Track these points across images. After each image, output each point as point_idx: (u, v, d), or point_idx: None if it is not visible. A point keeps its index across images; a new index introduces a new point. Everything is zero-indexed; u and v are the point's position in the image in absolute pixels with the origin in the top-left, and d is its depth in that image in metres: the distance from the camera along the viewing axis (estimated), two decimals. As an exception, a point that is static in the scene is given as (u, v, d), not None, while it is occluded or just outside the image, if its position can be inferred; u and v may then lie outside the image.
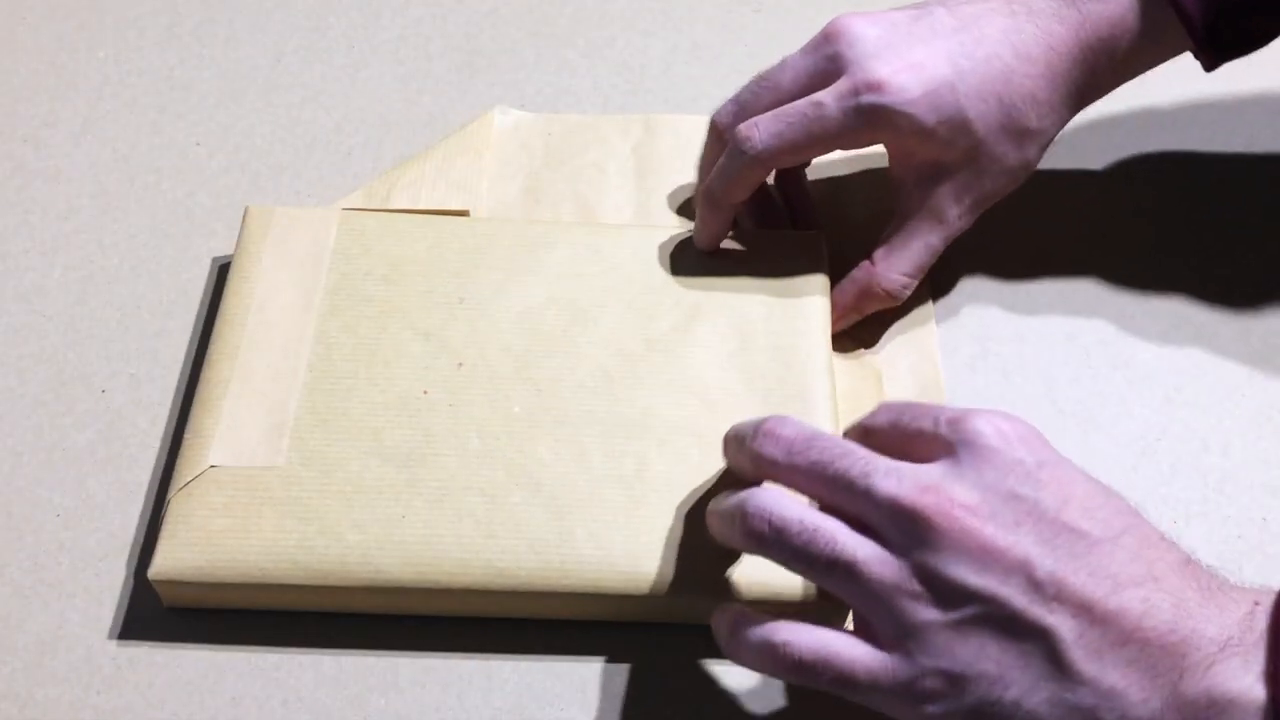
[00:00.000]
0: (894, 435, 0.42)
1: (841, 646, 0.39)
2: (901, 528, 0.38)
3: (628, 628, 0.47)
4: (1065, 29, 0.49)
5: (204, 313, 0.56)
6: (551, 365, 0.50)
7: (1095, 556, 0.37)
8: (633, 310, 0.52)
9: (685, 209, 0.58)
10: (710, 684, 0.47)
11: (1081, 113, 0.52)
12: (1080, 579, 0.37)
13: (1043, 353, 0.55)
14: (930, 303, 0.56)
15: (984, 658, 0.37)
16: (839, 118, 0.49)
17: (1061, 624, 0.37)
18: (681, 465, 0.48)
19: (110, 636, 0.47)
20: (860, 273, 0.53)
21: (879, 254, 0.53)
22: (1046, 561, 0.37)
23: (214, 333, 0.51)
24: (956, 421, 0.40)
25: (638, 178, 0.59)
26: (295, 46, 0.66)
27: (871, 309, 0.53)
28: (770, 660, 0.40)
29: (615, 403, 0.49)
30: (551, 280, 0.53)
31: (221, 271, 0.57)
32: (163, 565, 0.46)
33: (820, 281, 0.53)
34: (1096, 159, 0.62)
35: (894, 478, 0.39)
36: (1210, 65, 0.51)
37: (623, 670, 0.47)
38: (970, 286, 0.57)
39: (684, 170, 0.59)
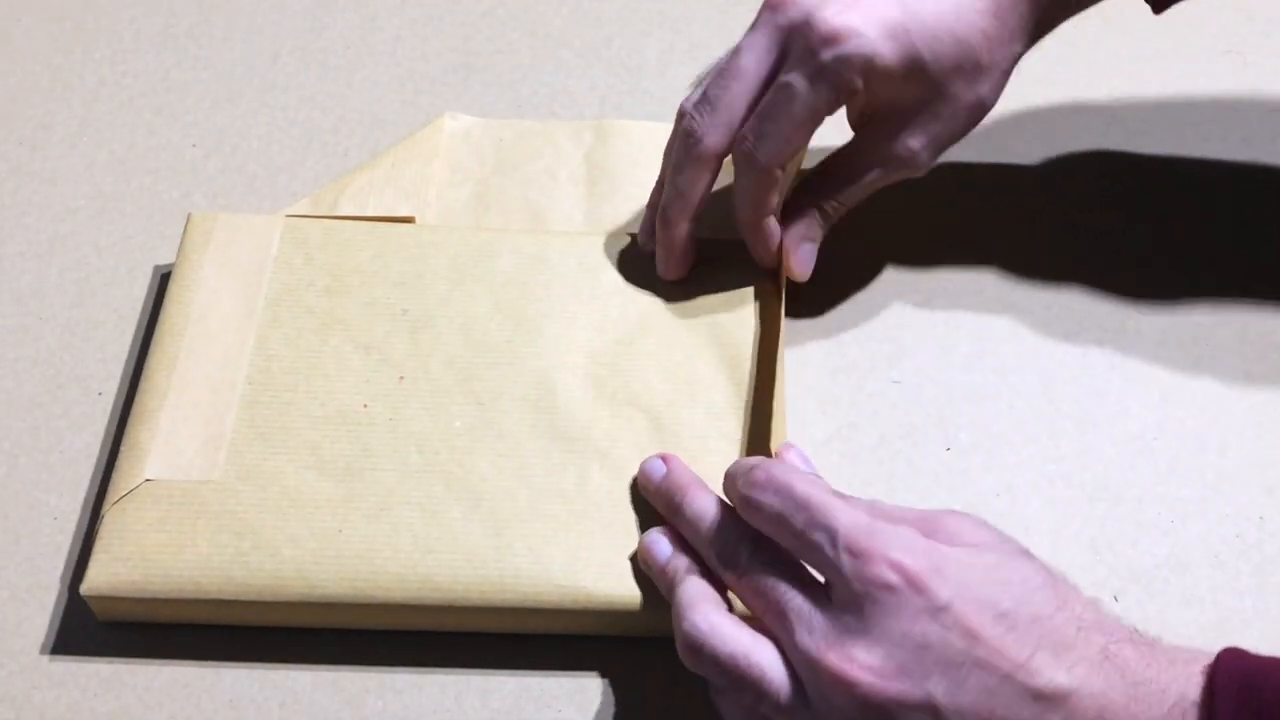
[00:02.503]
0: (783, 532, 0.42)
1: None
2: (813, 682, 0.39)
3: (624, 642, 0.47)
4: None
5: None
6: (494, 378, 0.50)
7: (1010, 687, 0.37)
8: (578, 321, 0.52)
9: (636, 216, 0.57)
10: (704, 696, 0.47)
11: (1070, 111, 0.52)
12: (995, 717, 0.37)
13: (1040, 352, 0.55)
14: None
15: None
16: (810, 92, 0.47)
17: None
18: (623, 479, 0.48)
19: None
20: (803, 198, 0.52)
21: (818, 182, 0.52)
22: (962, 701, 0.37)
23: (152, 343, 0.51)
24: (859, 563, 0.39)
25: (589, 184, 0.58)
26: (292, 47, 0.66)
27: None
28: None
29: (557, 417, 0.49)
30: (496, 289, 0.52)
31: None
32: (95, 580, 0.45)
33: (769, 290, 0.53)
34: (1089, 160, 0.62)
35: (810, 632, 0.39)
36: (1158, 7, 0.51)
37: (621, 679, 0.47)
38: (968, 286, 0.57)
39: (636, 177, 0.58)
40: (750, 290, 0.53)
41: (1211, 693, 0.36)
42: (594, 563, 0.46)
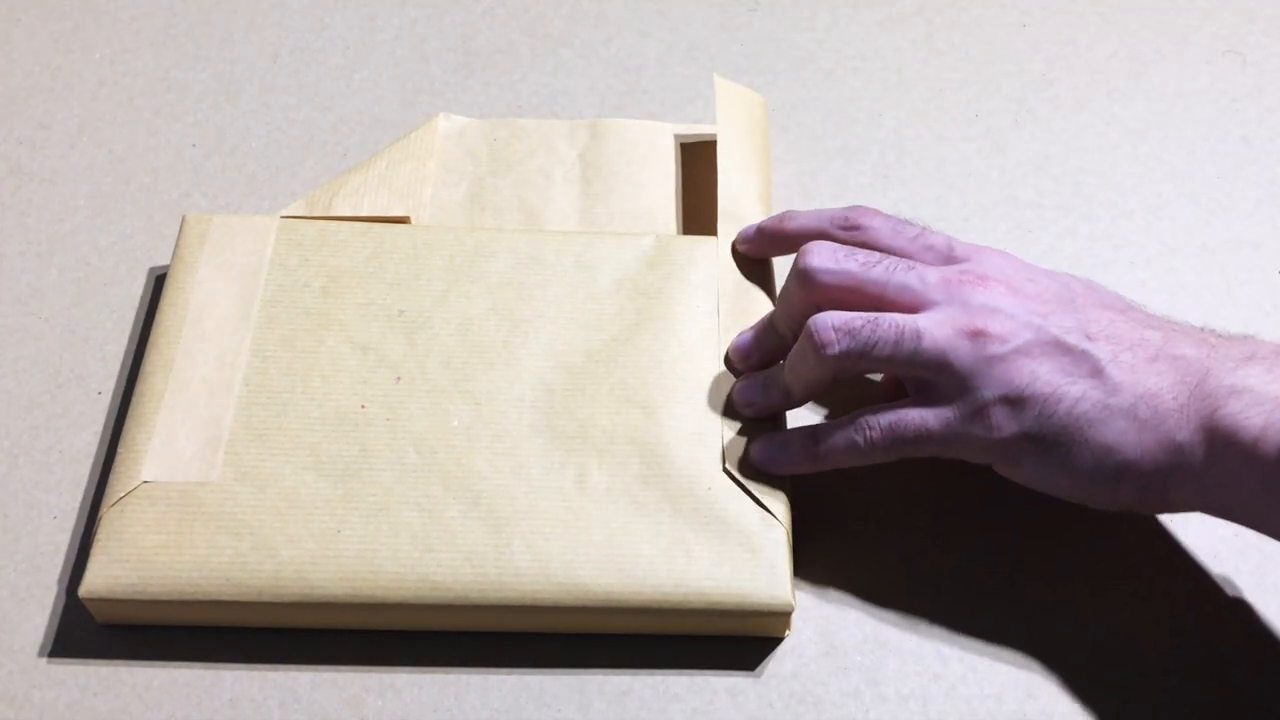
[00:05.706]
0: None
1: (907, 410, 0.45)
2: (946, 290, 0.45)
3: (625, 640, 0.47)
4: None
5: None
6: (491, 378, 0.50)
7: (1113, 313, 0.45)
8: (574, 321, 0.52)
9: (630, 216, 0.57)
10: (706, 690, 0.47)
11: (1070, 111, 0.52)
12: (1104, 324, 0.44)
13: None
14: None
15: (1037, 380, 0.43)
16: None
17: (1097, 349, 0.44)
18: (621, 475, 0.48)
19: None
20: None
21: None
22: (1070, 318, 0.44)
23: (148, 344, 0.51)
24: (965, 257, 0.47)
25: (584, 184, 0.58)
26: (292, 47, 0.66)
27: None
28: (856, 447, 0.46)
29: (554, 415, 0.49)
30: (492, 289, 0.52)
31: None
32: (94, 583, 0.45)
33: (764, 287, 0.53)
34: (1089, 160, 0.62)
35: (915, 271, 0.46)
36: None
37: (621, 678, 0.47)
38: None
39: (630, 176, 0.58)
40: (747, 286, 0.53)
41: None
42: (593, 560, 0.46)
